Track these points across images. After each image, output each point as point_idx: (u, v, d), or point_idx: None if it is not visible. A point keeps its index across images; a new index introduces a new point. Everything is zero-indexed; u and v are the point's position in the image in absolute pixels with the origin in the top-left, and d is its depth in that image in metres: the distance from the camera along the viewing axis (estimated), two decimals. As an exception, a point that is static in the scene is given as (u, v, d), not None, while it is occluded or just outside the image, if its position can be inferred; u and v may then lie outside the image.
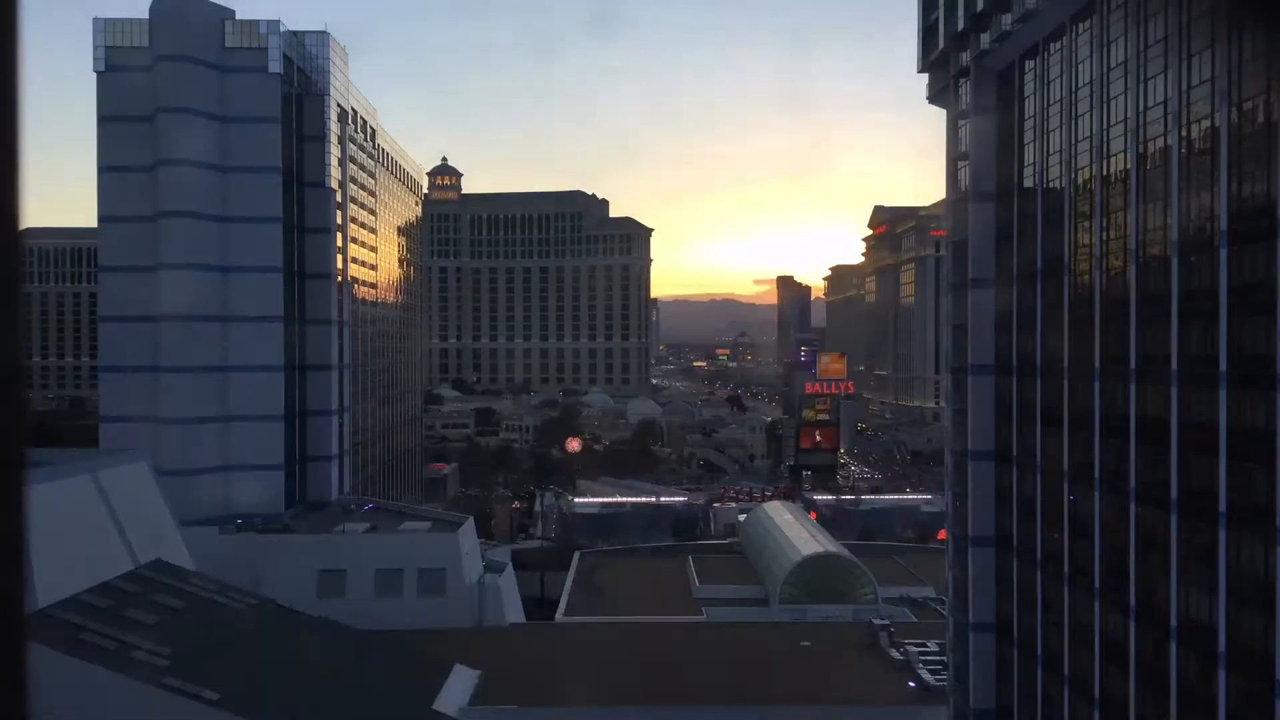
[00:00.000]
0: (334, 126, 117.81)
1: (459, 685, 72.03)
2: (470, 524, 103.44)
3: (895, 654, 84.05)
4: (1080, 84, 52.72)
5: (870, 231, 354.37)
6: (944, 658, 73.52)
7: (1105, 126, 50.07)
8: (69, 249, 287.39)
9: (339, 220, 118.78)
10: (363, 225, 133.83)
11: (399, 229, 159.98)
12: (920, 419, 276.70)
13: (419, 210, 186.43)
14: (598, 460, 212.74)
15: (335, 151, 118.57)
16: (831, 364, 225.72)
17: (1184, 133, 43.34)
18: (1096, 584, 50.48)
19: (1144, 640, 46.36)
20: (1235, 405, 39.68)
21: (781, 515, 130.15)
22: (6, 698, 3.02)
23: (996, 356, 62.53)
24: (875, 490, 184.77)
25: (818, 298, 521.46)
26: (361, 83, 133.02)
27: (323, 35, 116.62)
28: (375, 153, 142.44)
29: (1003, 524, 61.90)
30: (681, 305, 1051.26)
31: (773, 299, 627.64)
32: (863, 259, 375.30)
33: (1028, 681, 58.58)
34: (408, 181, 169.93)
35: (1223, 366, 40.08)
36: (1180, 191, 43.50)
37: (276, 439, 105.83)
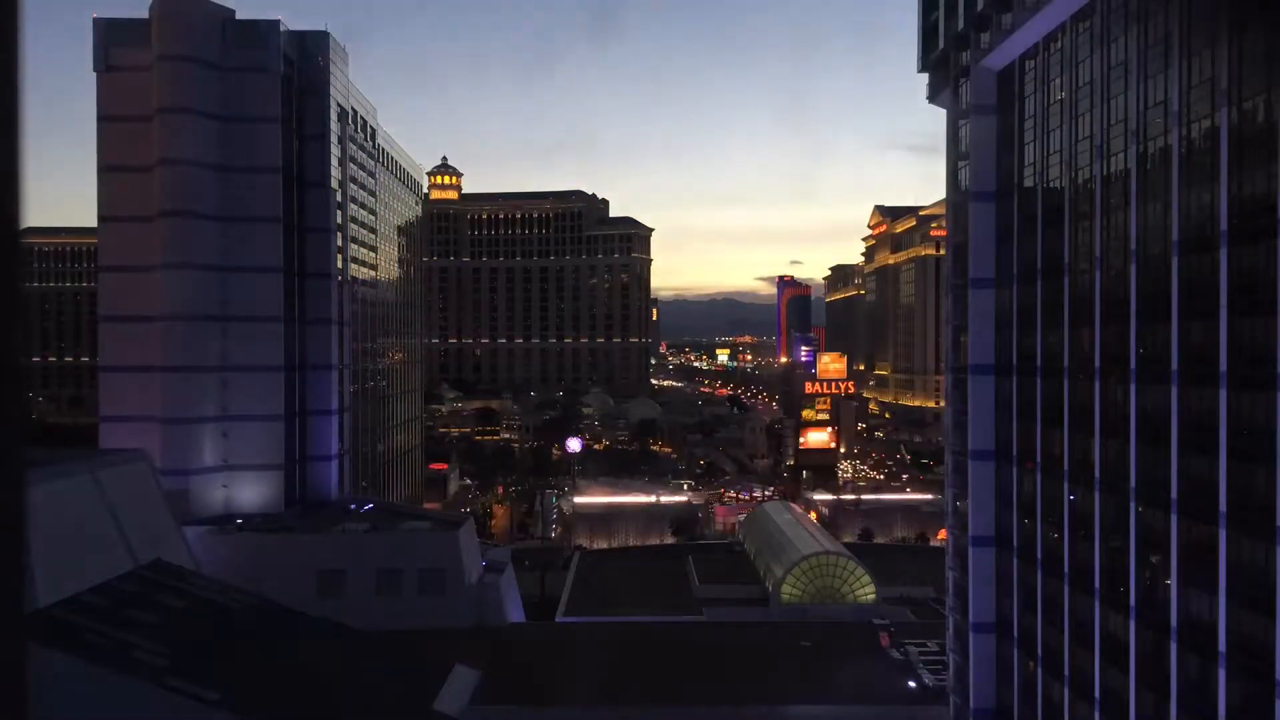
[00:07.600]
0: (334, 126, 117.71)
1: (459, 685, 71.97)
2: (470, 524, 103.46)
3: (895, 654, 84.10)
4: (1080, 84, 52.73)
5: (870, 231, 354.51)
6: (944, 658, 73.54)
7: (1105, 126, 50.07)
8: (69, 249, 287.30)
9: (339, 220, 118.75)
10: (363, 225, 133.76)
11: (399, 229, 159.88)
12: (920, 419, 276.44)
13: (419, 210, 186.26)
14: (598, 460, 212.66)
15: (335, 151, 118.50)
16: (831, 364, 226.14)
17: (1184, 133, 43.34)
18: (1096, 584, 50.49)
19: (1144, 640, 46.38)
20: (1235, 405, 39.69)
21: (781, 515, 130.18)
22: (6, 698, 3.02)
23: (996, 356, 62.54)
24: (875, 490, 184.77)
25: (818, 297, 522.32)
26: (361, 83, 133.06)
27: (323, 35, 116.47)
28: (375, 152, 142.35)
29: (1003, 524, 61.92)
30: (681, 304, 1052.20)
31: (773, 298, 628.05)
32: (862, 259, 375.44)
33: (1028, 681, 58.59)
34: (408, 181, 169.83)
35: (1223, 366, 40.09)
36: (1180, 191, 43.51)
37: (276, 439, 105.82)
